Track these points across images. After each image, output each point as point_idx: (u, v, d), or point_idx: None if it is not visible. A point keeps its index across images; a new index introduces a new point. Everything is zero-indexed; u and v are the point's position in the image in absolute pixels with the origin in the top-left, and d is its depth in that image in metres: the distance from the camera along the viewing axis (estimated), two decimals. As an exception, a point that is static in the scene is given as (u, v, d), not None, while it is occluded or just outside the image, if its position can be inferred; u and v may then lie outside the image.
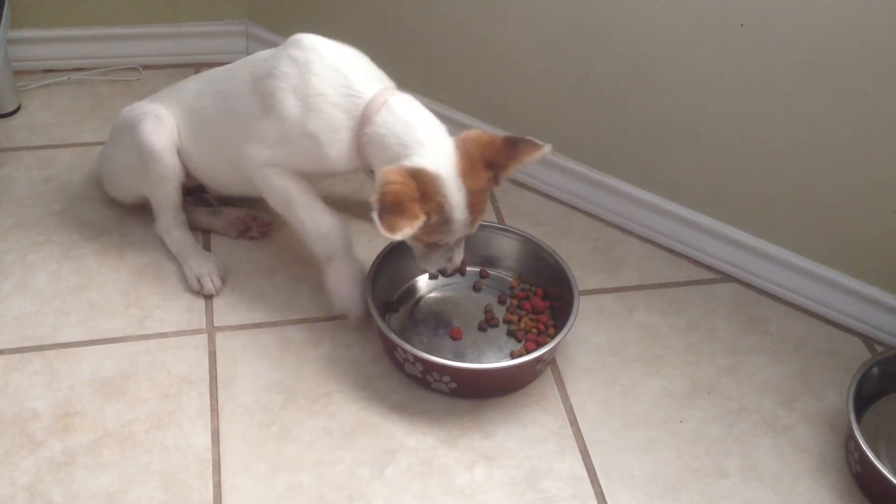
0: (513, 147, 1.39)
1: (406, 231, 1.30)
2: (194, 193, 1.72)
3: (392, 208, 1.30)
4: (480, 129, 1.44)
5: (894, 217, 1.51)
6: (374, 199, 1.30)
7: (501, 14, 1.73)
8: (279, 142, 1.46)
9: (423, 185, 1.34)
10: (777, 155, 1.57)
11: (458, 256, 1.47)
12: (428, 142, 1.38)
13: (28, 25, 2.03)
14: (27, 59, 2.06)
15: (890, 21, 1.36)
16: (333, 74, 1.42)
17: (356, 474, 1.38)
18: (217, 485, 1.35)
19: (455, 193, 1.36)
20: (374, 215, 1.29)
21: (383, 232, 1.29)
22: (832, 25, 1.40)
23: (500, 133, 1.43)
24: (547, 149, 1.39)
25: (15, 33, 1.98)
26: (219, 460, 1.38)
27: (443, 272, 1.49)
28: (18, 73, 2.02)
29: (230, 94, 1.53)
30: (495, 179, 1.41)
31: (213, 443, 1.40)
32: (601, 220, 1.83)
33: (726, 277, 1.73)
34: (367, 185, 1.81)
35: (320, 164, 1.45)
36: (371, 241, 1.72)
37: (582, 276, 1.65)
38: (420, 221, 1.32)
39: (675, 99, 1.62)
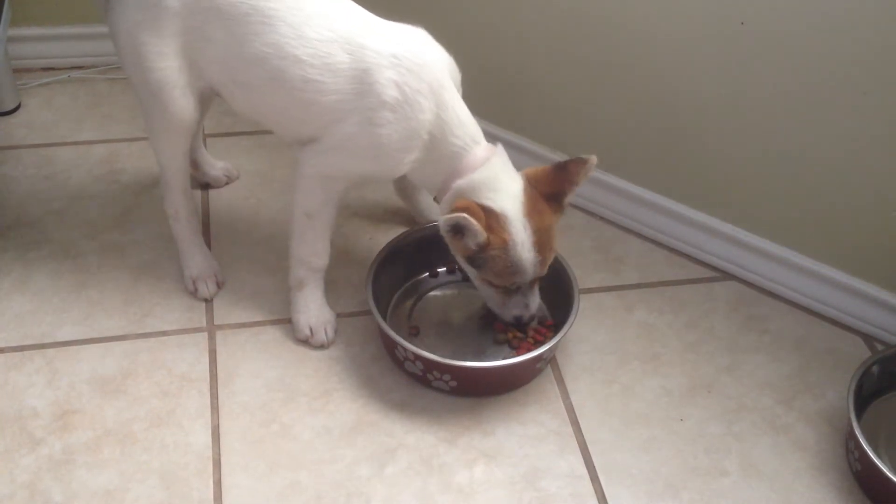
0: (563, 171, 1.42)
1: (470, 222, 1.33)
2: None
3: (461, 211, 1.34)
4: (534, 167, 1.46)
5: (894, 216, 1.51)
6: (444, 218, 1.35)
7: (504, 16, 1.73)
8: (357, 153, 1.39)
9: (490, 220, 1.37)
10: (776, 153, 1.57)
11: (534, 303, 1.49)
12: (500, 189, 1.39)
13: (28, 23, 2.03)
14: (27, 57, 2.05)
15: (891, 19, 1.36)
16: (441, 118, 1.38)
17: (356, 472, 1.38)
18: (217, 483, 1.35)
19: (521, 232, 1.38)
20: (447, 216, 1.34)
21: (453, 216, 1.33)
22: (833, 23, 1.40)
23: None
24: (593, 160, 1.41)
25: (15, 31, 1.98)
26: (219, 458, 1.38)
27: (519, 319, 1.49)
28: (18, 71, 2.02)
29: (305, 63, 1.36)
30: (559, 209, 1.43)
31: (212, 441, 1.40)
32: (601, 218, 1.83)
33: (726, 276, 1.73)
34: (376, 188, 1.81)
35: (392, 177, 1.46)
36: (371, 239, 1.72)
37: (581, 274, 1.65)
38: (483, 232, 1.34)
39: (675, 97, 1.62)
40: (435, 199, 1.48)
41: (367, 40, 1.36)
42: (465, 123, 1.40)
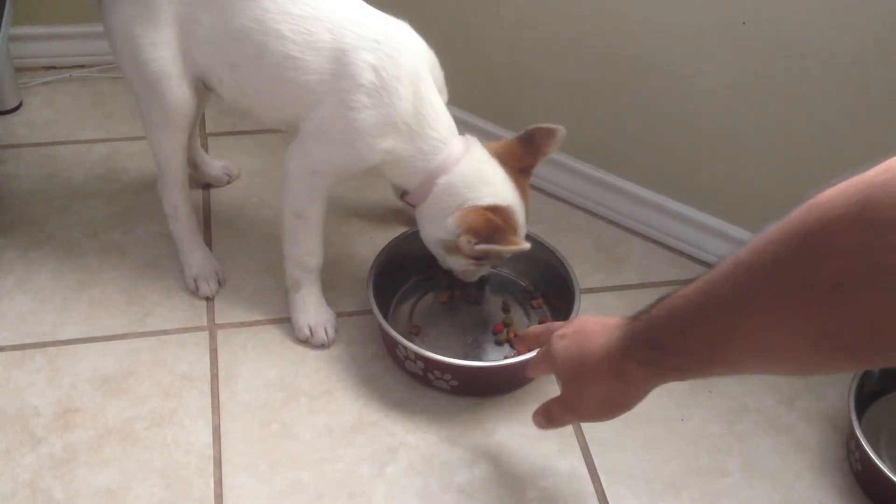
0: (530, 144, 1.43)
1: (523, 243, 1.37)
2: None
3: (494, 232, 1.36)
4: (498, 141, 1.46)
5: None
6: (466, 238, 1.36)
7: (501, 13, 1.73)
8: (334, 139, 1.39)
9: (502, 218, 1.38)
10: (778, 152, 1.57)
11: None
12: (492, 180, 1.41)
13: (30, 22, 2.03)
14: (29, 55, 2.05)
15: (892, 18, 1.35)
16: (418, 111, 1.37)
17: (357, 472, 1.38)
18: (218, 482, 1.35)
19: (522, 216, 1.42)
20: (481, 246, 1.36)
21: (513, 249, 1.36)
22: (834, 23, 1.40)
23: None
24: (561, 130, 1.42)
25: (17, 30, 1.97)
26: (220, 457, 1.38)
27: (485, 278, 1.55)
28: (20, 69, 2.02)
29: (287, 39, 1.36)
30: (528, 178, 1.46)
31: (213, 440, 1.40)
32: (602, 218, 1.83)
33: (727, 276, 1.73)
34: (370, 183, 1.81)
35: (365, 166, 1.44)
36: (371, 239, 1.72)
37: (583, 274, 1.65)
38: (516, 246, 1.37)
39: (676, 96, 1.62)
40: (403, 198, 1.48)
41: (350, 22, 1.36)
42: (441, 116, 1.40)
